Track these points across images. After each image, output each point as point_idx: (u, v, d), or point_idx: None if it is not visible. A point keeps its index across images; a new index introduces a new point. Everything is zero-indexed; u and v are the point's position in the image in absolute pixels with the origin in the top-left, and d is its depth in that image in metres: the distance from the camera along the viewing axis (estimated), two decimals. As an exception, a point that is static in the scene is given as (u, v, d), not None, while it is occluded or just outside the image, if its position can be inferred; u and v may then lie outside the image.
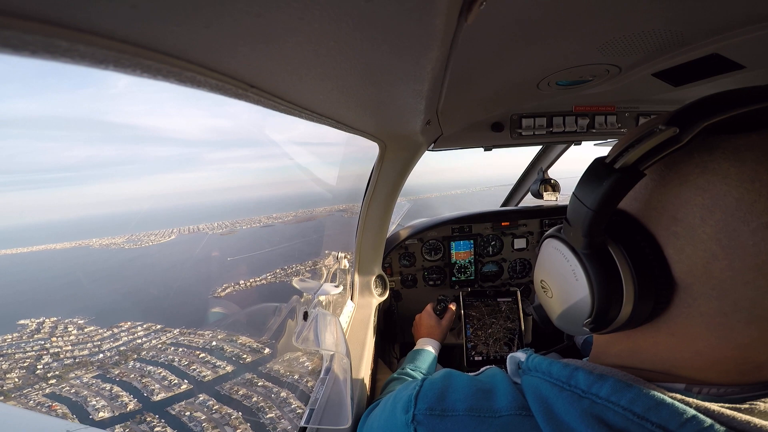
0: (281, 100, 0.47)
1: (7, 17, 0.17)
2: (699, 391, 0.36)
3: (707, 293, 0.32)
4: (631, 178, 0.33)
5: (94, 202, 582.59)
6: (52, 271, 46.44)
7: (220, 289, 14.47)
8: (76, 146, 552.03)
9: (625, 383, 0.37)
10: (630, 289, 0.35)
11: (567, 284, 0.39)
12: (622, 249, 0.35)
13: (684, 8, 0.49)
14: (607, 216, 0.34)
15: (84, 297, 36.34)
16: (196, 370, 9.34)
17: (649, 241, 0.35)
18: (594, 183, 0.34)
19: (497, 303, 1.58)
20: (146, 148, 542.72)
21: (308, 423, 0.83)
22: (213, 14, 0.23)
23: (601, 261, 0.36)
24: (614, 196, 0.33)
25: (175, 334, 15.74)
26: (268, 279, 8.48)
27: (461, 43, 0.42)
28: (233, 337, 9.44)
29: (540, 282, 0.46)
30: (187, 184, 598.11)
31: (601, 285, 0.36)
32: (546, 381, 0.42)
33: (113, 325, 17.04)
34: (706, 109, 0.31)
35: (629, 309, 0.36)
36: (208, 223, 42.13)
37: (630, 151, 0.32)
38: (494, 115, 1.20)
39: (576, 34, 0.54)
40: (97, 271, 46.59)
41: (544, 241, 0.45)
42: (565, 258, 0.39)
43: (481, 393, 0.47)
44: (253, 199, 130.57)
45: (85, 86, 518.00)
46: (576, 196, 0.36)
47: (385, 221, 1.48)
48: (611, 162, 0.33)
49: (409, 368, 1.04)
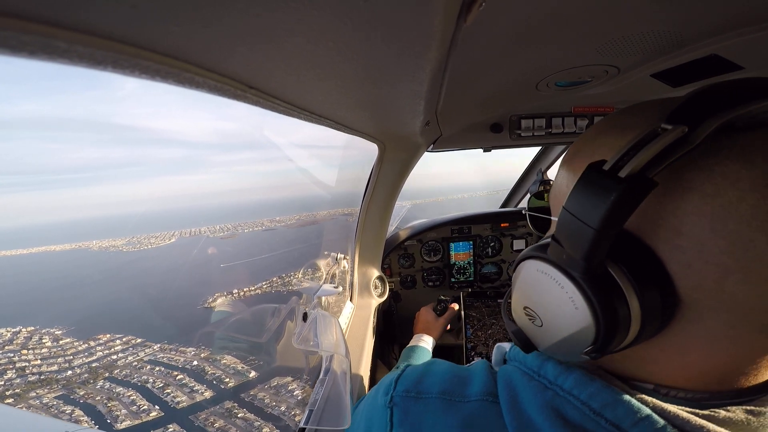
0: (280, 101, 0.47)
1: (5, 18, 0.17)
2: (666, 393, 0.34)
3: (715, 307, 0.30)
4: (642, 189, 0.28)
5: (99, 204, 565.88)
6: (43, 275, 45.84)
7: (211, 298, 13.89)
8: (85, 148, 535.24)
9: (588, 377, 0.36)
10: (636, 314, 0.31)
11: (563, 314, 0.34)
12: (625, 270, 0.31)
13: (683, 9, 0.49)
14: (612, 236, 0.29)
15: (69, 303, 35.63)
16: (170, 394, 8.54)
17: (650, 257, 0.31)
18: (595, 196, 0.29)
19: (497, 304, 1.58)
20: (153, 150, 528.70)
21: (307, 423, 0.83)
22: (212, 14, 0.23)
23: (605, 286, 0.31)
24: (623, 212, 0.28)
25: (155, 350, 14.17)
26: (264, 288, 7.75)
27: (460, 43, 0.42)
28: (217, 356, 8.71)
29: (523, 309, 0.39)
30: (192, 186, 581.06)
31: (607, 313, 0.31)
32: (519, 370, 0.42)
33: (90, 338, 15.97)
34: (715, 104, 0.28)
35: (634, 335, 0.32)
36: (210, 226, 41.69)
37: (635, 156, 0.28)
38: (493, 116, 1.21)
39: (575, 35, 0.54)
40: (88, 276, 45.55)
41: (523, 262, 0.39)
42: (558, 284, 0.34)
43: (457, 379, 0.47)
44: (257, 202, 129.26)
45: (93, 88, 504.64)
46: (570, 211, 0.31)
47: (385, 222, 1.49)
48: (613, 170, 0.29)
49: (403, 366, 1.04)
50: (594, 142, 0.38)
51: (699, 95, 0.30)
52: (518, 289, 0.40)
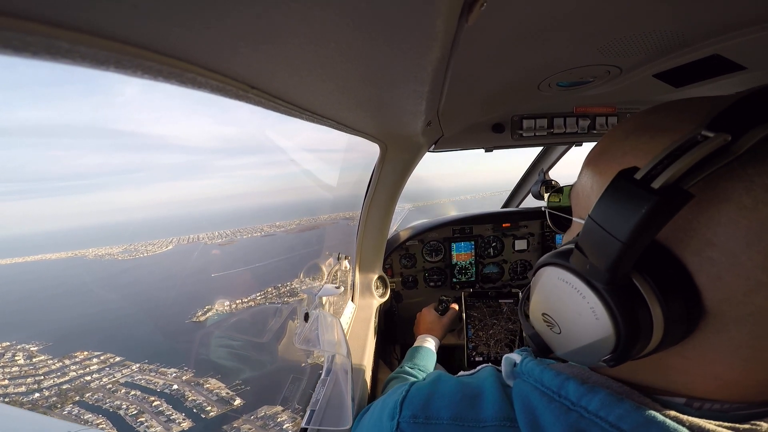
0: (282, 101, 0.47)
1: (8, 18, 0.17)
2: (700, 406, 0.33)
3: (743, 320, 0.29)
4: (677, 202, 0.26)
5: (97, 211, 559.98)
6: (30, 285, 44.53)
7: (201, 312, 12.80)
8: (86, 155, 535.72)
9: (616, 397, 0.34)
10: (660, 326, 0.30)
11: (584, 323, 0.33)
12: (650, 282, 0.30)
13: (684, 9, 0.49)
14: (641, 248, 0.28)
15: (51, 316, 34.23)
16: (144, 424, 7.93)
17: (678, 267, 0.30)
18: (625, 208, 0.27)
19: (499, 304, 1.58)
20: (153, 155, 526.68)
21: (309, 424, 0.83)
22: (214, 15, 0.23)
23: (628, 297, 0.30)
24: (655, 226, 0.27)
25: (133, 370, 13.16)
26: (258, 300, 7.21)
27: (462, 44, 0.42)
28: (200, 380, 8.09)
29: (542, 315, 0.39)
30: (194, 192, 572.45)
31: (629, 325, 0.30)
32: (536, 389, 0.40)
33: (66, 356, 14.92)
34: (763, 111, 0.27)
35: (655, 344, 0.31)
36: (209, 232, 40.59)
37: (670, 166, 0.26)
38: (495, 116, 1.20)
39: (577, 35, 0.54)
40: (80, 286, 44.09)
41: (543, 268, 0.38)
42: (579, 293, 0.33)
43: (467, 400, 0.45)
44: (259, 207, 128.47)
45: (93, 94, 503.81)
46: (597, 222, 0.29)
47: (386, 222, 1.48)
48: (646, 179, 0.27)
49: (407, 366, 1.04)
50: (624, 143, 0.37)
51: (745, 100, 0.28)
52: (537, 294, 0.39)
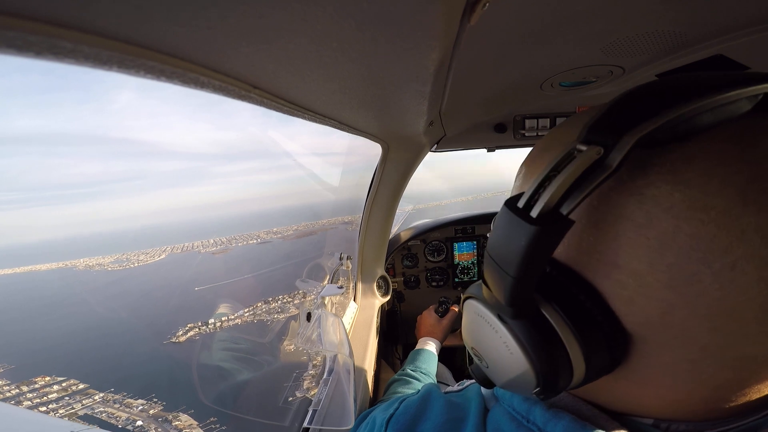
0: (284, 101, 0.47)
1: (10, 18, 0.17)
2: (666, 427, 0.31)
3: (668, 343, 0.26)
4: (555, 232, 0.24)
5: (94, 220, 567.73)
6: (10, 299, 43.21)
7: (181, 331, 11.24)
8: (83, 163, 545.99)
9: (579, 424, 0.32)
10: (577, 354, 0.28)
11: (501, 358, 0.32)
12: (558, 310, 0.28)
13: (688, 9, 0.48)
14: (533, 281, 0.26)
15: (20, 337, 32.79)
16: None
17: (590, 293, 0.28)
18: (510, 240, 0.25)
19: None
20: (151, 162, 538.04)
21: (311, 424, 0.83)
22: (216, 15, 0.23)
23: (536, 329, 0.28)
24: (538, 258, 0.25)
25: (96, 400, 11.49)
26: (245, 317, 6.39)
27: (464, 43, 0.42)
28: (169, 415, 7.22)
29: (471, 349, 0.37)
30: (191, 198, 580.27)
31: (541, 358, 0.28)
32: (508, 414, 0.39)
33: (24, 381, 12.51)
34: (631, 115, 0.24)
35: (581, 374, 0.29)
36: (204, 240, 39.69)
37: (546, 189, 0.24)
38: (497, 116, 1.20)
39: (579, 35, 0.54)
40: (63, 299, 42.41)
41: (464, 301, 0.36)
42: (492, 328, 0.31)
43: (451, 424, 0.44)
44: (256, 213, 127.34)
45: (89, 101, 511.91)
46: (490, 255, 0.27)
47: (388, 222, 1.49)
48: (526, 207, 0.24)
49: (409, 369, 1.04)
50: (524, 167, 0.35)
51: (616, 104, 0.26)
52: (464, 328, 0.38)
